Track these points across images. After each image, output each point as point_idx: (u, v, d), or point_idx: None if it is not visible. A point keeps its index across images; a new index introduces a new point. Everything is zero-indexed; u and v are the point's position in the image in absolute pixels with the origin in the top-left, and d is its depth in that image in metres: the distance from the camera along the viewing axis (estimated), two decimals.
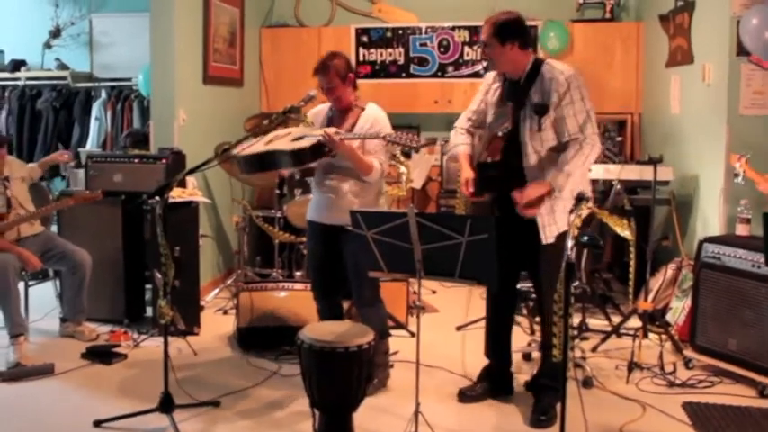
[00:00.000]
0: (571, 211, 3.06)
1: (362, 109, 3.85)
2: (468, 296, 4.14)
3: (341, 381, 3.09)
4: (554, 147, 3.45)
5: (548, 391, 3.64)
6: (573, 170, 3.37)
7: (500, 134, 3.44)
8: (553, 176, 3.37)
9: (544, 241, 3.48)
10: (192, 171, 3.64)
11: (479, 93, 3.79)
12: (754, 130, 4.51)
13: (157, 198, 3.54)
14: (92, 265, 4.72)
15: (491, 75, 3.74)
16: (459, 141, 3.77)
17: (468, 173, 3.63)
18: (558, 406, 2.93)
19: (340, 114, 3.87)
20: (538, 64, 3.50)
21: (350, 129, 3.77)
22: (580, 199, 3.22)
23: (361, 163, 3.70)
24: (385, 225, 3.11)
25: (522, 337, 4.56)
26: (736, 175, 4.12)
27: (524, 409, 3.68)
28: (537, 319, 3.98)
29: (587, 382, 3.94)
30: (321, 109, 3.96)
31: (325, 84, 3.76)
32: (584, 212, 3.39)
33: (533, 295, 4.09)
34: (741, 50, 4.47)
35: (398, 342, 4.47)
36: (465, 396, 3.84)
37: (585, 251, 4.82)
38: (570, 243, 2.95)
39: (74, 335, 4.79)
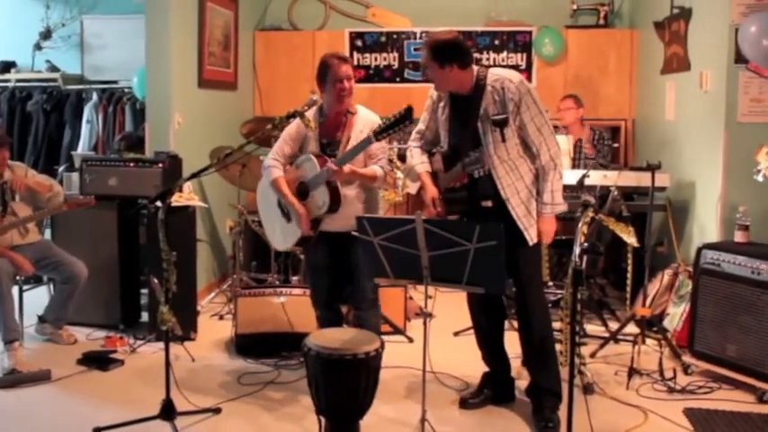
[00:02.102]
0: (577, 219, 3.07)
1: (353, 113, 3.85)
2: (465, 301, 4.14)
3: (348, 388, 3.08)
4: (520, 149, 3.50)
5: (548, 396, 3.64)
6: (556, 191, 3.50)
7: (476, 176, 3.50)
8: (551, 208, 3.50)
9: (530, 242, 3.50)
10: (194, 176, 3.61)
11: (426, 111, 3.75)
12: (751, 138, 4.52)
13: (158, 203, 3.51)
14: (86, 278, 4.66)
15: (435, 92, 3.69)
16: (417, 161, 3.76)
17: (432, 192, 3.63)
18: (564, 413, 2.92)
19: (335, 117, 3.83)
20: (482, 75, 3.49)
21: (348, 137, 3.78)
22: (585, 206, 3.24)
23: (364, 178, 3.75)
24: (392, 231, 3.09)
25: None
26: (758, 171, 3.97)
27: (528, 416, 3.67)
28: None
29: (588, 389, 3.94)
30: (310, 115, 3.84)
31: (347, 75, 3.74)
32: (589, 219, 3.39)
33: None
34: (739, 58, 4.49)
35: (396, 348, 4.46)
36: (467, 403, 3.83)
37: (585, 257, 4.81)
38: (578, 250, 2.96)
39: (52, 338, 4.76)
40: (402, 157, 6.03)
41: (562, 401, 3.59)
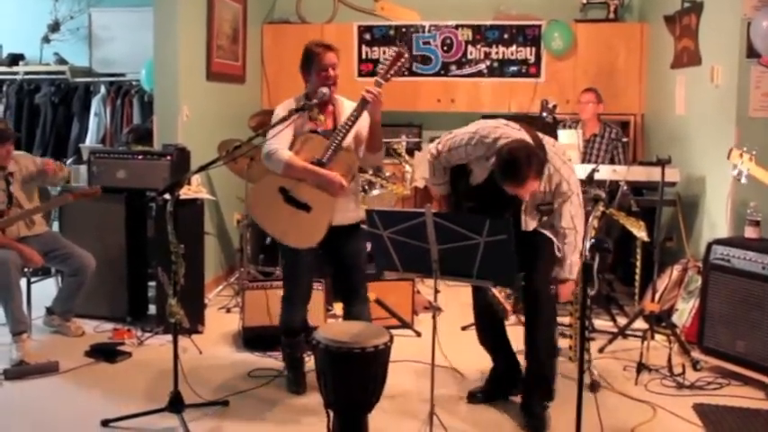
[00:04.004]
0: (588, 213, 3.06)
1: (339, 102, 3.78)
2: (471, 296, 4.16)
3: (357, 382, 3.06)
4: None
5: (544, 391, 3.62)
6: (574, 264, 3.51)
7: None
8: (570, 276, 3.53)
9: (560, 255, 3.54)
10: (202, 169, 3.60)
11: (461, 149, 3.55)
12: (763, 132, 4.50)
13: (166, 196, 3.51)
14: (94, 270, 4.67)
15: (481, 148, 3.47)
16: (440, 181, 3.75)
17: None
18: (573, 409, 2.90)
19: (322, 106, 3.73)
20: None
21: (334, 121, 3.72)
22: (596, 200, 3.23)
23: (378, 136, 3.66)
24: (402, 224, 3.08)
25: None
26: (740, 174, 3.92)
27: None
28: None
29: (594, 386, 3.90)
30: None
31: (332, 63, 3.66)
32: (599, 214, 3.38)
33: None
34: (751, 52, 4.46)
35: (404, 342, 4.44)
36: (475, 397, 3.82)
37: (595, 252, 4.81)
38: (588, 245, 2.94)
39: (60, 330, 4.77)
40: (410, 152, 6.04)
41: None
